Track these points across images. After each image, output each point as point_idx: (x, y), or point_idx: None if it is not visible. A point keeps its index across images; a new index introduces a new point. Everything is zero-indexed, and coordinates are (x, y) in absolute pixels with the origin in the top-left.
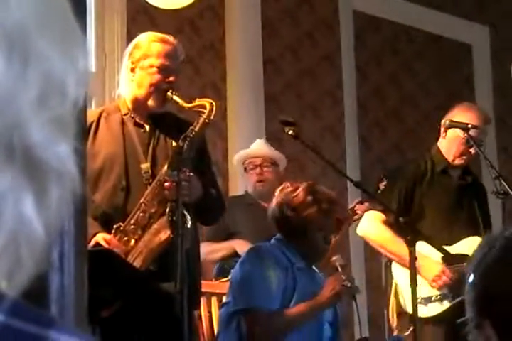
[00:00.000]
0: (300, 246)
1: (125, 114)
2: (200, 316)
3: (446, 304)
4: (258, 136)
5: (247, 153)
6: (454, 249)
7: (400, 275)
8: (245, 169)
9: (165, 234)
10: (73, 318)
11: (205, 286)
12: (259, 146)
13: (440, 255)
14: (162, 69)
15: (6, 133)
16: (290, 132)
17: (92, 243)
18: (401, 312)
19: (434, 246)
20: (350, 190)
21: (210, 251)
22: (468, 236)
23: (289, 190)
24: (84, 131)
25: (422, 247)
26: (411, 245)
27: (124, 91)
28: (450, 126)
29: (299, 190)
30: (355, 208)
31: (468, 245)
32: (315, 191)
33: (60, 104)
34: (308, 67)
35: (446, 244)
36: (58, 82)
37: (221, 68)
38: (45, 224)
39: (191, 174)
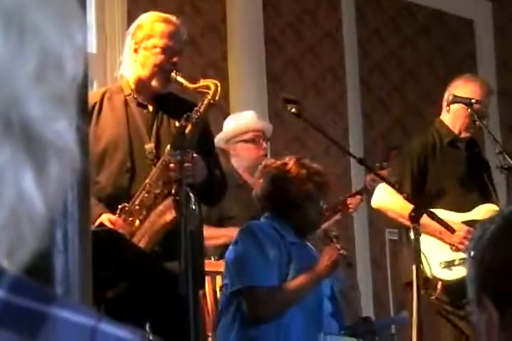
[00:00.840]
0: (293, 219)
1: (128, 95)
2: (205, 295)
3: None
4: (261, 115)
5: (250, 124)
6: (470, 216)
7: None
8: (242, 141)
9: (170, 216)
10: (78, 298)
11: (210, 266)
12: (259, 120)
13: (460, 220)
14: (166, 50)
15: (4, 108)
16: (293, 110)
17: (97, 223)
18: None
19: (438, 222)
20: (353, 168)
21: (211, 236)
22: (482, 203)
23: (279, 164)
24: (85, 110)
25: (442, 213)
26: (414, 221)
27: (126, 72)
28: (453, 102)
29: (290, 164)
30: (348, 202)
31: (484, 211)
32: (305, 164)
33: (58, 79)
34: (310, 44)
35: (463, 212)
36: (56, 56)
37: (222, 48)
38: (46, 201)
39: (196, 155)
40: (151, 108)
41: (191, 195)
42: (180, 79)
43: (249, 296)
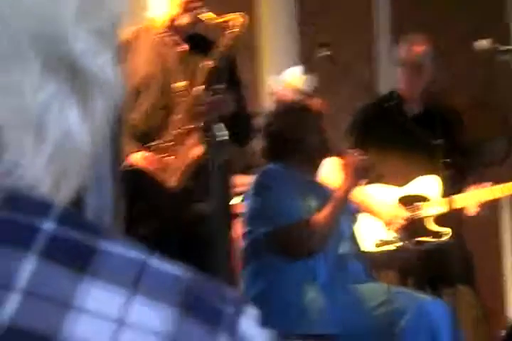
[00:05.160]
0: (300, 156)
1: (162, 33)
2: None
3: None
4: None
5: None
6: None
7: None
8: None
9: (199, 150)
10: None
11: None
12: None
13: (395, 197)
14: None
15: (48, 43)
16: (326, 53)
17: (130, 162)
18: None
19: None
20: None
21: (236, 183)
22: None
23: (265, 116)
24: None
25: (375, 189)
26: None
27: (157, 11)
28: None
29: (274, 110)
30: None
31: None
32: (286, 103)
33: (101, 13)
34: None
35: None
36: None
37: None
38: (91, 136)
39: (224, 88)
40: (182, 47)
41: (221, 127)
42: (208, 14)
43: (287, 234)
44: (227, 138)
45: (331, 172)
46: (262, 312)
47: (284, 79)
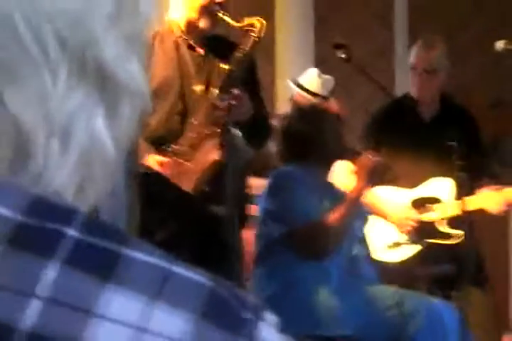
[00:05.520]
0: (315, 156)
1: (179, 37)
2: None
3: (415, 248)
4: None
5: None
6: (419, 193)
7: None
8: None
9: (215, 155)
10: None
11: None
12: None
13: (408, 199)
14: None
15: (80, 49)
16: (342, 55)
17: (146, 166)
18: None
19: None
20: None
21: (253, 185)
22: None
23: (280, 119)
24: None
25: (387, 191)
26: None
27: (175, 14)
28: None
29: (288, 112)
30: None
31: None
32: (300, 106)
33: (133, 19)
34: None
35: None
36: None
37: None
38: (117, 143)
39: (242, 93)
40: (201, 50)
41: (238, 133)
42: (226, 18)
43: (302, 234)
44: (243, 142)
45: (341, 174)
46: (273, 313)
47: (302, 82)
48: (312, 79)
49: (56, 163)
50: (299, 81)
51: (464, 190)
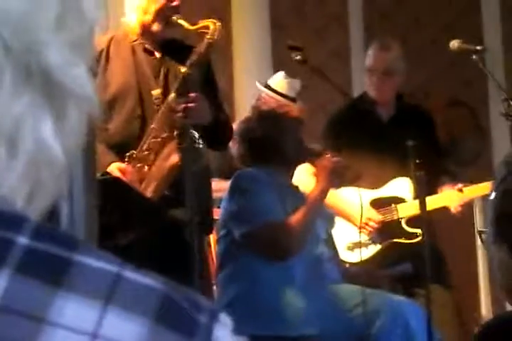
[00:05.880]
0: (275, 160)
1: (134, 41)
2: (209, 242)
3: (375, 248)
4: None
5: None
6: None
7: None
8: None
9: (175, 159)
10: None
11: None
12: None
13: (368, 199)
14: None
15: (24, 54)
16: (298, 57)
17: (108, 172)
18: None
19: None
20: None
21: (220, 188)
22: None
23: (242, 120)
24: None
25: (348, 192)
26: None
27: (130, 18)
28: None
29: (250, 114)
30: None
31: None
32: (260, 110)
33: (78, 24)
34: None
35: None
36: (76, 1)
37: None
38: (65, 148)
39: (199, 95)
40: (157, 54)
41: (197, 136)
42: (181, 21)
43: (264, 234)
44: (202, 145)
45: (303, 176)
46: (238, 315)
47: (270, 83)
48: (280, 80)
49: (3, 168)
50: (268, 82)
51: (423, 189)
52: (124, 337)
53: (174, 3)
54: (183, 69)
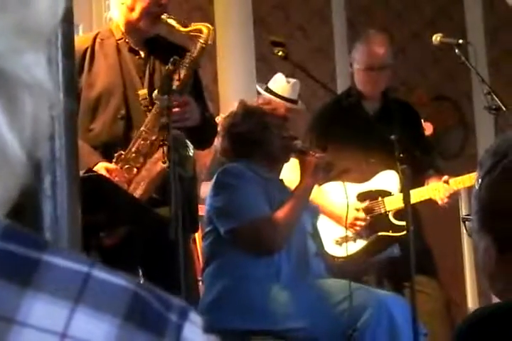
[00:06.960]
0: (259, 156)
1: (119, 39)
2: (194, 240)
3: (362, 242)
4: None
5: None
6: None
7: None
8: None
9: (163, 163)
10: (67, 244)
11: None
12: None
13: (355, 193)
14: None
15: None
16: (280, 53)
17: (95, 172)
18: None
19: None
20: None
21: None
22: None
23: (226, 116)
24: (71, 45)
25: (334, 187)
26: None
27: (115, 15)
28: None
29: (235, 109)
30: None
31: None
32: (246, 105)
33: (22, 8)
34: None
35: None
36: None
37: None
38: (23, 141)
39: (190, 99)
40: (142, 53)
41: (185, 139)
42: (171, 21)
43: (250, 229)
44: (191, 147)
45: (288, 172)
46: (225, 310)
47: (272, 87)
48: (280, 83)
49: None
50: (269, 86)
51: (407, 182)
52: (93, 337)
53: (162, 2)
54: (166, 68)
